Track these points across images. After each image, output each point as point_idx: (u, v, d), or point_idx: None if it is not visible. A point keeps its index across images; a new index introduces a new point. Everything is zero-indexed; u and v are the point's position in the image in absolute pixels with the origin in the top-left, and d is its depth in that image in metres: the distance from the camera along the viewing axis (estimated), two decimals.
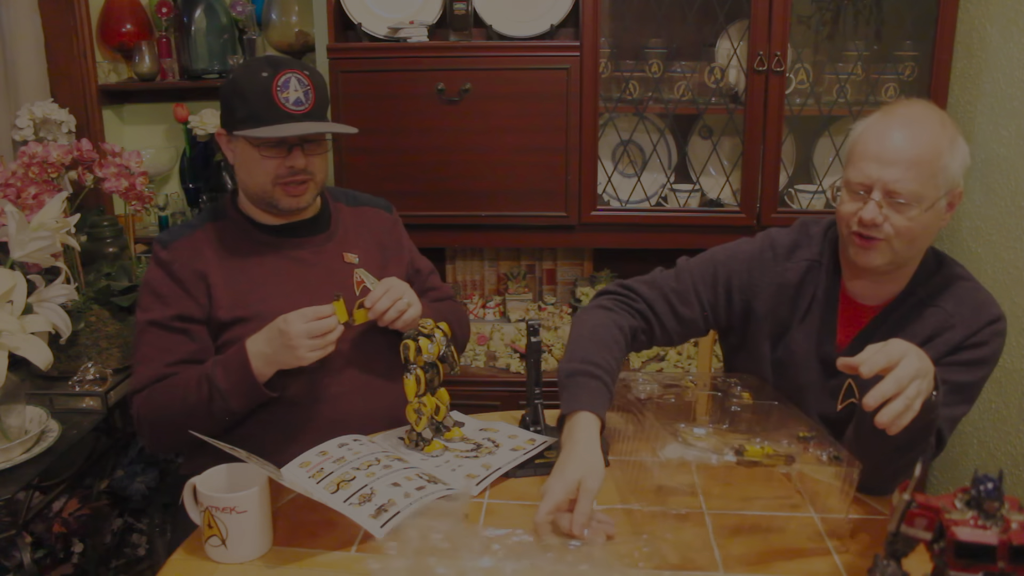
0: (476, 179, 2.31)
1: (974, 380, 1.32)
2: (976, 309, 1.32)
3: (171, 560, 1.11)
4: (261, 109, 1.43)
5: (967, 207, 2.20)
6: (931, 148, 1.24)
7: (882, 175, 1.25)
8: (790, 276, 1.43)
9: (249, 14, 2.74)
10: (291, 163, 1.46)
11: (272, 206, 1.51)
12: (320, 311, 1.36)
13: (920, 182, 1.24)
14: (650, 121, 2.40)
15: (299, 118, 1.45)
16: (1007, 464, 2.01)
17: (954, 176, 1.27)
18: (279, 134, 1.43)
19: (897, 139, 1.25)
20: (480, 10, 2.30)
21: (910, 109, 1.30)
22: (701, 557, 1.10)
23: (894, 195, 1.25)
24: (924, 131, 1.26)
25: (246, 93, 1.44)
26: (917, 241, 1.29)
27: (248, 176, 1.50)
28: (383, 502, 1.16)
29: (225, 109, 1.50)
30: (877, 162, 1.25)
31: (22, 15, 2.41)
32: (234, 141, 1.50)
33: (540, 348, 1.42)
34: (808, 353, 1.42)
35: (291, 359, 1.36)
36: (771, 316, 1.45)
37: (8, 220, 1.52)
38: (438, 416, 1.40)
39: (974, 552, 0.78)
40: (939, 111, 1.32)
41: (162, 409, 1.42)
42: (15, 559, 1.57)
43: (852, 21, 2.34)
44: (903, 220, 1.25)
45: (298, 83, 1.45)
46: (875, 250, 1.29)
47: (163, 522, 2.17)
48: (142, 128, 2.90)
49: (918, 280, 1.36)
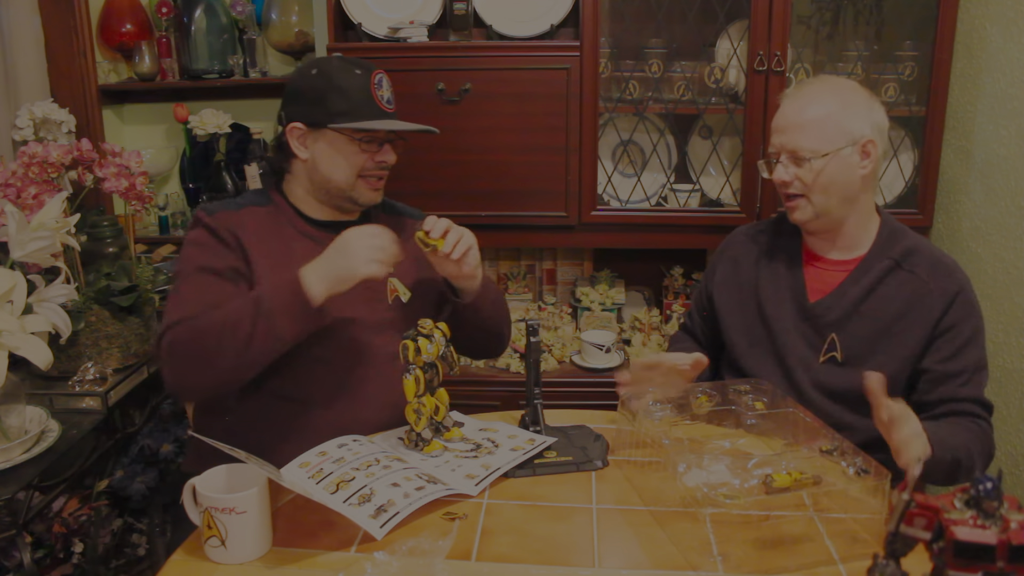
0: (476, 179, 2.31)
1: (977, 354, 1.48)
2: (946, 275, 1.50)
3: (171, 560, 1.11)
4: (361, 104, 1.48)
5: (967, 207, 2.20)
6: (817, 110, 1.47)
7: (782, 141, 1.49)
8: (743, 247, 1.68)
9: (249, 14, 2.74)
10: (382, 157, 1.52)
11: (349, 199, 1.54)
12: (380, 229, 1.36)
13: (811, 139, 1.45)
14: (650, 121, 2.40)
15: (391, 116, 1.53)
16: (1007, 464, 2.01)
17: (856, 129, 1.46)
18: (387, 127, 1.49)
19: (789, 109, 1.50)
20: (480, 10, 2.30)
21: (804, 85, 1.55)
22: (701, 557, 1.10)
23: (793, 154, 1.48)
24: (809, 99, 1.49)
25: (345, 88, 1.48)
26: (832, 190, 1.48)
27: (333, 169, 1.51)
28: (383, 502, 1.16)
29: (312, 104, 1.50)
30: (777, 132, 1.51)
31: (22, 15, 2.42)
32: (316, 134, 1.51)
33: (540, 348, 1.43)
34: (782, 301, 1.59)
35: (345, 269, 1.32)
36: (733, 282, 1.66)
37: (8, 220, 1.52)
38: (438, 416, 1.40)
39: (973, 552, 0.78)
40: (837, 81, 1.56)
41: (200, 337, 1.34)
42: (15, 559, 1.57)
43: (852, 21, 2.34)
44: (806, 173, 1.47)
45: (387, 83, 1.54)
46: (798, 208, 1.52)
47: (163, 522, 2.17)
48: (142, 128, 2.91)
49: (882, 240, 1.54)
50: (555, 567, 1.08)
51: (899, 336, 1.49)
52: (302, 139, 1.52)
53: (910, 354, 1.49)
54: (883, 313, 1.51)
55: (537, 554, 1.11)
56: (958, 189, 2.25)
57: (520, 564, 1.09)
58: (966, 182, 2.21)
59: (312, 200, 1.57)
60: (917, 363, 1.49)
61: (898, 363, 1.49)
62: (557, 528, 1.18)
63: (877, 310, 1.51)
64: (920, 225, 2.27)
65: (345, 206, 1.57)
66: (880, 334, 1.50)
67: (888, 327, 1.50)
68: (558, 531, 1.17)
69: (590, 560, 1.10)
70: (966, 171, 2.21)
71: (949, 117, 2.25)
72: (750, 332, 1.62)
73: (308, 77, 1.52)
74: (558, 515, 1.21)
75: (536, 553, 1.11)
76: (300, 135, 1.52)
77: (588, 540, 1.14)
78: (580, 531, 1.17)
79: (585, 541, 1.14)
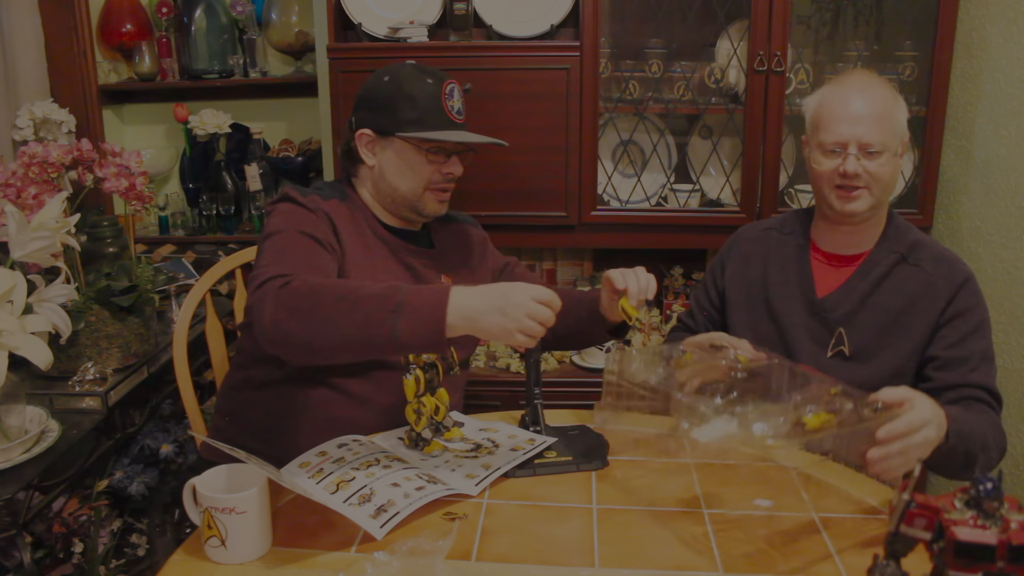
0: (476, 179, 2.29)
1: (984, 344, 1.50)
2: (952, 266, 1.52)
3: (171, 560, 1.11)
4: (431, 114, 1.46)
5: (967, 207, 2.20)
6: (885, 104, 1.49)
7: (854, 132, 1.47)
8: (752, 245, 1.68)
9: (249, 14, 2.74)
10: (450, 169, 1.51)
11: (415, 210, 1.53)
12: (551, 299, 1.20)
13: (884, 133, 1.47)
14: (650, 121, 2.40)
15: (460, 127, 1.50)
16: (1007, 464, 2.01)
17: (903, 127, 1.51)
18: (456, 139, 1.47)
19: (859, 101, 1.49)
20: (480, 10, 2.30)
21: (859, 77, 1.55)
22: (701, 557, 1.10)
23: (867, 146, 1.47)
24: (877, 92, 1.50)
25: (416, 97, 1.46)
26: (888, 185, 1.51)
27: (400, 178, 1.50)
28: (383, 502, 1.16)
29: (382, 111, 1.48)
30: (847, 122, 1.48)
31: (22, 15, 2.42)
32: (385, 142, 1.49)
33: (540, 348, 1.42)
34: (790, 297, 1.59)
35: (496, 327, 1.17)
36: (742, 279, 1.66)
37: (8, 220, 1.51)
38: (437, 416, 1.40)
39: (973, 552, 0.78)
40: (879, 76, 1.57)
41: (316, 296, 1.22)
42: (15, 559, 1.57)
43: (852, 21, 2.34)
44: (876, 167, 1.48)
45: (459, 94, 1.52)
46: (859, 198, 1.50)
47: (163, 522, 2.17)
48: (142, 128, 2.91)
49: (889, 236, 1.56)
50: (555, 567, 1.08)
51: (906, 329, 1.50)
52: (370, 146, 1.51)
53: (917, 345, 1.49)
54: (890, 307, 1.51)
55: (537, 554, 1.11)
56: (958, 189, 2.25)
57: (520, 564, 1.09)
58: (966, 182, 2.21)
59: (379, 207, 1.55)
60: (924, 353, 1.50)
61: (905, 355, 1.50)
62: (557, 528, 1.18)
63: (884, 304, 1.52)
64: (920, 225, 2.26)
65: (410, 216, 1.55)
66: (887, 328, 1.51)
67: (895, 320, 1.51)
68: (558, 531, 1.17)
69: (590, 560, 1.10)
70: (966, 171, 2.21)
71: (949, 117, 2.25)
72: (757, 328, 1.62)
73: (380, 83, 1.50)
74: (558, 515, 1.21)
75: (536, 553, 1.11)
76: (369, 142, 1.51)
77: (588, 540, 1.14)
78: (580, 531, 1.17)
79: (585, 541, 1.14)
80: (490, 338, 1.19)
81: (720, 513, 1.21)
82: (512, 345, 1.25)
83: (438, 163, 1.49)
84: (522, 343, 1.18)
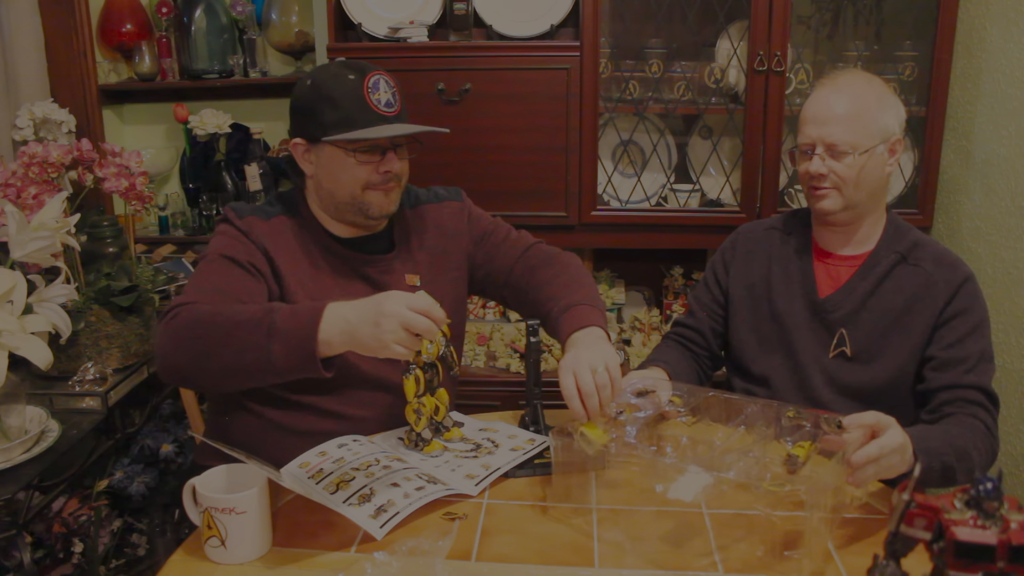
0: (476, 179, 2.31)
1: (982, 344, 1.49)
2: (951, 267, 1.51)
3: (171, 560, 1.11)
4: (354, 112, 1.37)
5: (967, 207, 2.20)
6: (858, 104, 1.47)
7: (820, 132, 1.48)
8: (756, 244, 1.67)
9: (249, 14, 2.74)
10: (386, 167, 1.41)
11: (360, 213, 1.44)
12: (428, 306, 1.14)
13: (853, 133, 1.46)
14: (650, 121, 2.40)
15: (391, 119, 1.40)
16: (1007, 464, 2.01)
17: (887, 127, 1.49)
18: (380, 135, 1.38)
19: (827, 101, 1.49)
20: (480, 10, 2.30)
21: (840, 76, 1.54)
22: (701, 557, 1.10)
23: (832, 147, 1.47)
24: (852, 91, 1.49)
25: (336, 97, 1.38)
26: (863, 185, 1.49)
27: (336, 184, 1.43)
28: (382, 502, 1.16)
29: (306, 117, 1.41)
30: (814, 123, 1.50)
31: (22, 15, 2.41)
32: (316, 149, 1.43)
33: (539, 348, 1.42)
34: (792, 297, 1.59)
35: (371, 339, 1.13)
36: (746, 279, 1.65)
37: (8, 220, 1.51)
38: (437, 416, 1.40)
39: (973, 552, 0.78)
40: (868, 76, 1.55)
41: (202, 325, 1.22)
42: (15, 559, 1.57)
43: (852, 21, 2.34)
44: (843, 167, 1.47)
45: (386, 84, 1.41)
46: (827, 197, 1.51)
47: (163, 522, 2.17)
48: (142, 128, 2.90)
49: (889, 236, 1.56)
50: (555, 567, 1.08)
51: (906, 329, 1.50)
52: (306, 156, 1.44)
53: (917, 346, 1.49)
54: (890, 307, 1.51)
55: (537, 554, 1.11)
56: (958, 189, 2.25)
57: (520, 564, 1.09)
58: (966, 182, 2.21)
59: (327, 217, 1.49)
60: (923, 353, 1.50)
61: (906, 356, 1.50)
62: (557, 528, 1.18)
63: (884, 304, 1.52)
64: (920, 225, 2.26)
65: (359, 220, 1.47)
66: (888, 328, 1.51)
67: (895, 321, 1.51)
68: (558, 531, 1.17)
69: (590, 560, 1.10)
70: (966, 171, 2.21)
71: (949, 117, 2.25)
72: (759, 329, 1.62)
73: (303, 88, 1.43)
74: (558, 515, 1.21)
75: (536, 553, 1.11)
76: (304, 151, 1.44)
77: (588, 540, 1.14)
78: (580, 531, 1.17)
79: (585, 541, 1.14)
80: (368, 352, 1.15)
81: (720, 513, 1.21)
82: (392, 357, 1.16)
83: (373, 162, 1.40)
84: (401, 355, 1.14)
